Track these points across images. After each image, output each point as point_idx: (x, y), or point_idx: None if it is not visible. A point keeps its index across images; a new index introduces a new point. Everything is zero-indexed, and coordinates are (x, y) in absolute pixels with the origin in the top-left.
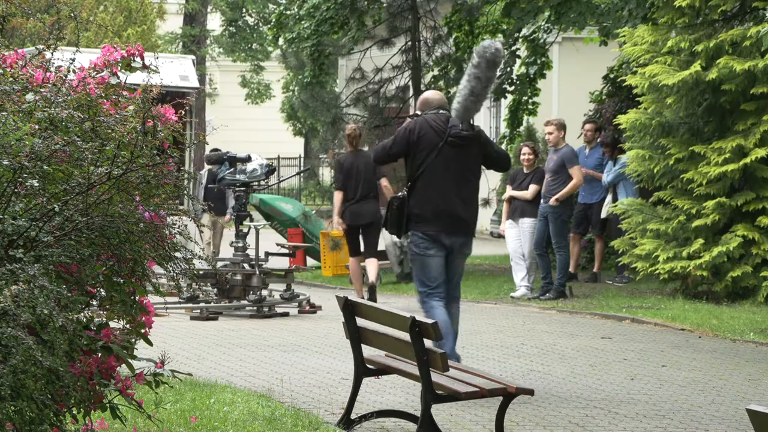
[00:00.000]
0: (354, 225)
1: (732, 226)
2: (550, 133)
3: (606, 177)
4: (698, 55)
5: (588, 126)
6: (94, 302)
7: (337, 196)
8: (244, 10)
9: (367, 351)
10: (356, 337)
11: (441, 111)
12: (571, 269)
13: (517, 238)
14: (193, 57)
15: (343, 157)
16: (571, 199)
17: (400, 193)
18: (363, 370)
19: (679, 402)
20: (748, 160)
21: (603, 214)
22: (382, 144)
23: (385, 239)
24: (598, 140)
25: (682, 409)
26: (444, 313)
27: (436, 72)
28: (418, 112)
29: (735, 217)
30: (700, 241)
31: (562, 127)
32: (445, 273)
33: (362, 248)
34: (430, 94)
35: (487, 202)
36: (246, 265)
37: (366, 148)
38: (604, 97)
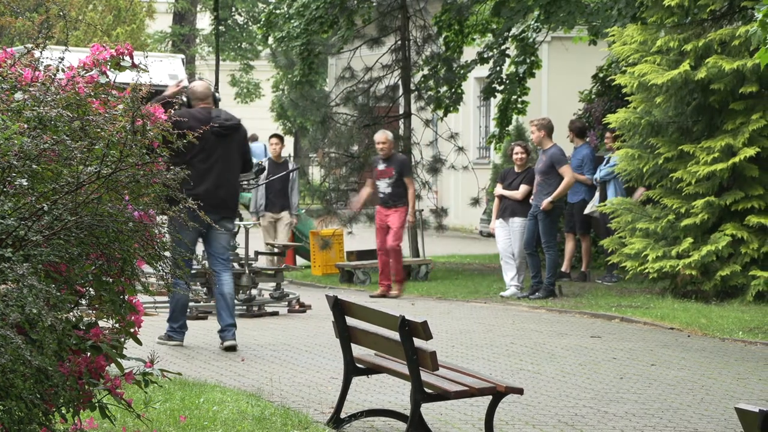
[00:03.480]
0: None
1: (721, 225)
2: (533, 133)
3: (597, 173)
4: (687, 54)
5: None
6: (84, 301)
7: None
8: (233, 9)
9: (357, 350)
10: (346, 336)
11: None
12: (564, 268)
13: (507, 238)
14: (183, 56)
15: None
16: (561, 199)
17: None
18: (352, 369)
19: (668, 401)
20: (736, 159)
21: (586, 211)
22: None
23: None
24: (587, 139)
25: (671, 407)
26: (186, 297)
27: (425, 71)
28: (184, 99)
29: (724, 216)
30: (689, 240)
31: (543, 126)
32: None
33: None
34: (197, 86)
35: (476, 201)
36: (235, 265)
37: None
38: (593, 96)
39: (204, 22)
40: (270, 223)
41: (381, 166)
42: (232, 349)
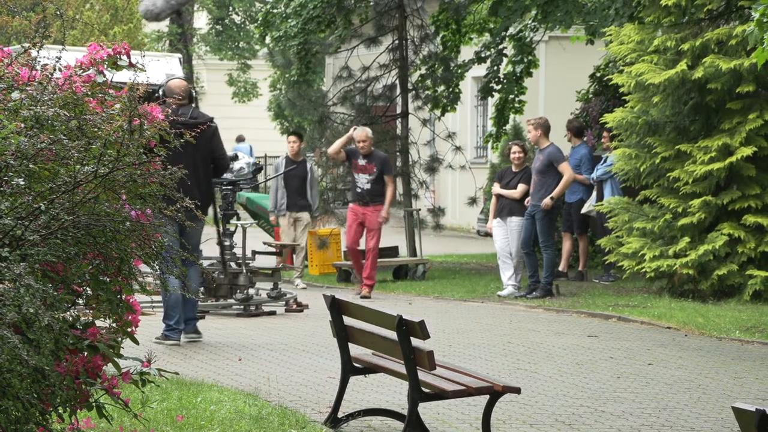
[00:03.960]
0: None
1: (718, 224)
2: (529, 132)
3: (594, 173)
4: (684, 53)
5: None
6: (81, 301)
7: None
8: (230, 8)
9: (354, 350)
10: (343, 335)
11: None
12: (561, 268)
13: (504, 237)
14: (180, 55)
15: None
16: (559, 198)
17: None
18: (350, 368)
19: (665, 400)
20: (733, 158)
21: (583, 210)
22: None
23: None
24: (584, 139)
25: (668, 407)
26: (177, 294)
27: (423, 71)
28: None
29: (721, 215)
30: (686, 239)
31: (540, 126)
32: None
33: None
34: (174, 83)
35: (474, 201)
36: (233, 264)
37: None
38: (590, 95)
39: (201, 21)
40: (290, 222)
41: (362, 161)
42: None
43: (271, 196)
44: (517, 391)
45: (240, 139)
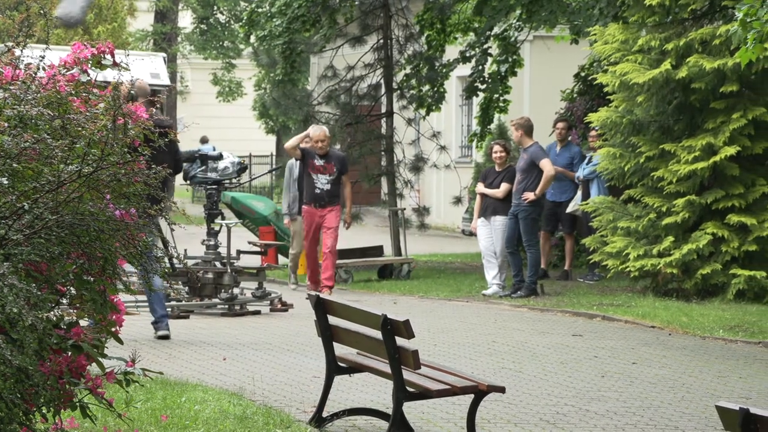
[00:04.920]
0: None
1: (702, 224)
2: (513, 132)
3: (580, 172)
4: (668, 53)
5: (560, 125)
6: (64, 301)
7: None
8: (215, 7)
9: (339, 349)
10: (328, 335)
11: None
12: (541, 266)
13: (488, 236)
14: (164, 54)
15: None
16: (541, 198)
17: None
18: (335, 368)
19: (649, 399)
20: (717, 158)
21: (568, 209)
22: None
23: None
24: (569, 138)
25: (652, 406)
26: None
27: (408, 70)
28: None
29: (705, 215)
30: (670, 238)
31: (521, 126)
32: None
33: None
34: (143, 83)
35: (459, 200)
36: (217, 264)
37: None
38: (575, 95)
39: (185, 20)
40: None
41: (319, 162)
42: (165, 338)
43: (284, 199)
44: (502, 390)
45: (204, 140)
